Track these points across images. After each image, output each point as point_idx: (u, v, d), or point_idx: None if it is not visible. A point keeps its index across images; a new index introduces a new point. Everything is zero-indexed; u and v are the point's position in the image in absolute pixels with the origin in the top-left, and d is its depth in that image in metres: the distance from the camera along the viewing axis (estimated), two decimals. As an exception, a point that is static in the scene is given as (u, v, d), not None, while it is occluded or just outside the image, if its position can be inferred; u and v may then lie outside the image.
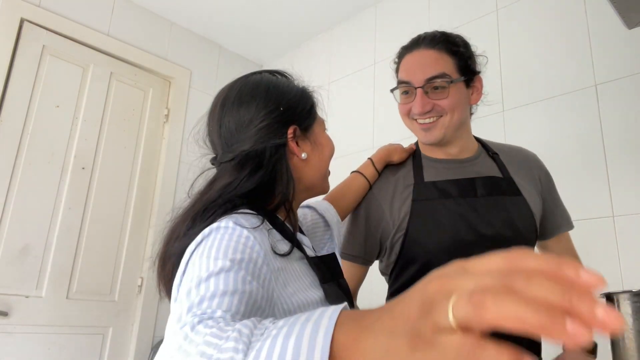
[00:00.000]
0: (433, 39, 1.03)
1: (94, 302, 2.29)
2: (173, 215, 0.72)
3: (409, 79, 1.01)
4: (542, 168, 1.12)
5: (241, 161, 0.70)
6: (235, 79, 0.79)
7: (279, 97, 0.74)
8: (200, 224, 0.64)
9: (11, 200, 2.09)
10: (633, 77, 1.61)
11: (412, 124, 1.04)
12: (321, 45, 2.88)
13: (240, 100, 0.73)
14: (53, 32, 2.32)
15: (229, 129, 0.73)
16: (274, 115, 0.72)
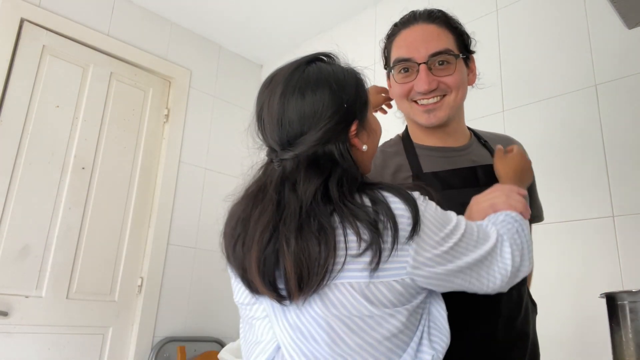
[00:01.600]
0: (431, 14, 0.96)
1: (94, 302, 2.29)
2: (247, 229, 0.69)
3: (410, 55, 0.92)
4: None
5: (311, 162, 0.69)
6: (289, 67, 0.75)
7: (342, 93, 0.72)
8: (320, 223, 0.64)
9: (11, 200, 2.09)
10: (633, 77, 1.61)
11: (412, 107, 0.96)
12: (321, 45, 2.88)
13: (302, 95, 0.70)
14: (53, 32, 2.32)
15: (292, 125, 0.70)
16: (340, 114, 0.71)
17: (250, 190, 0.73)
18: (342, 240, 0.63)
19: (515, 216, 0.77)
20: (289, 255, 0.63)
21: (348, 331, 0.64)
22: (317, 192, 0.66)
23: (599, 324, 1.45)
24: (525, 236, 0.76)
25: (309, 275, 0.62)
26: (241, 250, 0.68)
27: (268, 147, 0.74)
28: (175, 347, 2.44)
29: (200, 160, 2.82)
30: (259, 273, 0.65)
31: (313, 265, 0.62)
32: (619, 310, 0.89)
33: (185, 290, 2.60)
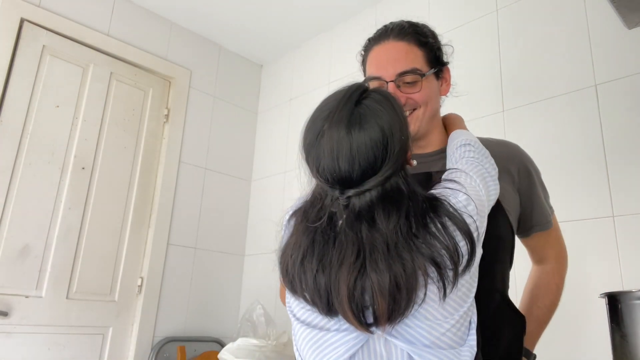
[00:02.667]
0: (401, 30, 1.00)
1: (94, 302, 2.29)
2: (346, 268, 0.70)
3: (379, 74, 0.98)
4: (522, 163, 1.05)
5: (384, 196, 0.71)
6: (337, 103, 0.75)
7: (399, 125, 0.74)
8: (414, 246, 0.69)
9: (11, 200, 2.09)
10: (633, 77, 1.61)
11: None
12: (321, 45, 2.88)
13: (367, 134, 0.72)
14: (53, 32, 2.32)
15: (360, 164, 0.71)
16: (404, 148, 0.74)
17: (316, 222, 0.74)
18: (421, 273, 0.68)
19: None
20: (379, 292, 0.66)
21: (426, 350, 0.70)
22: (398, 227, 0.69)
23: (599, 324, 1.45)
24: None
25: (399, 308, 0.67)
26: (325, 286, 0.70)
27: (328, 184, 0.74)
28: (175, 347, 2.45)
29: (200, 160, 2.82)
30: (350, 309, 0.68)
31: (402, 299, 0.66)
32: (619, 310, 0.89)
33: (185, 290, 2.60)
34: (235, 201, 2.95)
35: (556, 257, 1.12)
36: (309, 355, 0.76)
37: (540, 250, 1.12)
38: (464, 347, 0.72)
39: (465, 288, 0.73)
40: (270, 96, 3.15)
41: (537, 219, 1.06)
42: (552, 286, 1.10)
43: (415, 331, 0.70)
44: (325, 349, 0.73)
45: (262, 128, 3.13)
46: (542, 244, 1.11)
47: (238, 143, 3.05)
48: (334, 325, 0.73)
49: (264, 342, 2.04)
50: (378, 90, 0.80)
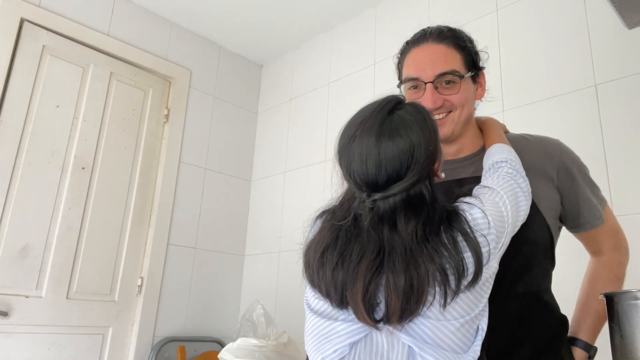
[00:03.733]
0: (440, 33, 1.02)
1: (94, 302, 2.29)
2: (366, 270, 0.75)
3: (417, 75, 0.99)
4: (562, 163, 1.02)
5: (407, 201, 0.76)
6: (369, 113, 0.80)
7: (429, 136, 0.79)
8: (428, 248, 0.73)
9: (11, 200, 2.09)
10: (633, 77, 1.61)
11: None
12: (321, 45, 2.88)
13: (395, 142, 0.76)
14: (53, 32, 2.32)
15: (386, 169, 0.76)
16: (429, 157, 0.78)
17: (342, 221, 0.79)
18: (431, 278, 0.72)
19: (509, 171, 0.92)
20: (394, 291, 0.71)
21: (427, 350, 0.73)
22: (415, 232, 0.74)
23: (599, 324, 1.44)
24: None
25: (410, 308, 0.71)
26: (342, 280, 0.75)
27: (358, 187, 0.79)
28: (175, 347, 2.45)
29: (200, 160, 2.82)
30: (363, 304, 0.72)
31: (414, 300, 0.71)
32: (619, 310, 0.89)
33: (185, 290, 2.60)
34: (235, 201, 2.95)
35: (614, 247, 1.08)
36: (313, 343, 0.80)
37: (593, 243, 1.09)
38: (467, 353, 0.74)
39: (470, 299, 0.75)
40: (270, 96, 3.15)
41: (585, 217, 1.04)
42: (611, 277, 1.06)
43: (418, 327, 0.73)
44: (329, 337, 0.78)
45: (262, 128, 3.13)
46: (595, 238, 1.08)
47: (238, 143, 3.05)
48: (341, 315, 0.77)
49: (264, 342, 2.04)
50: (412, 104, 0.84)
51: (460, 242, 0.74)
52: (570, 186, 1.02)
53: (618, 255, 1.09)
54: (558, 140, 1.09)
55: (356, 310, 0.74)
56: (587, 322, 1.02)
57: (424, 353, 0.72)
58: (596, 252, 1.10)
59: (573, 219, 1.04)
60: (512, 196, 0.85)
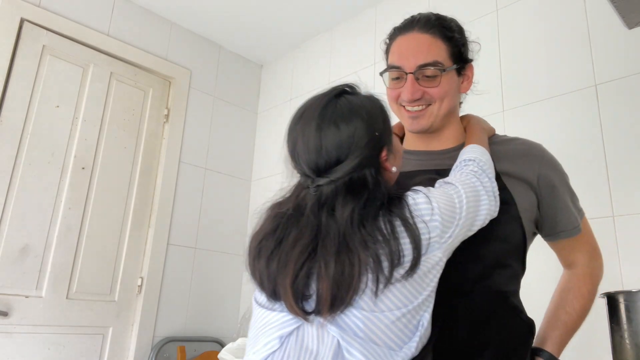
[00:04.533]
0: (427, 22, 1.00)
1: (94, 302, 2.29)
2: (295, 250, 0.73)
3: (400, 64, 0.97)
4: (543, 168, 1.00)
5: (348, 187, 0.75)
6: (319, 101, 0.80)
7: (373, 123, 0.79)
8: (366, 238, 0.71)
9: (11, 200, 2.09)
10: (633, 77, 1.61)
11: (400, 111, 1.00)
12: (321, 45, 2.88)
13: (337, 127, 0.77)
14: (53, 32, 2.32)
15: (329, 154, 0.76)
16: (373, 143, 0.77)
17: (284, 210, 0.78)
18: (364, 265, 0.69)
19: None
20: (326, 277, 0.69)
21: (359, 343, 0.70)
22: (351, 216, 0.72)
23: (599, 324, 1.45)
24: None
25: (341, 295, 0.68)
26: (276, 268, 0.73)
27: (303, 174, 0.79)
28: (175, 347, 2.44)
29: (200, 160, 2.82)
30: (292, 291, 0.71)
31: (345, 287, 0.68)
32: (619, 310, 0.89)
33: (185, 290, 2.60)
34: (235, 201, 2.95)
35: (587, 261, 1.05)
36: (250, 337, 0.79)
37: (567, 254, 1.06)
38: (401, 350, 0.71)
39: (408, 290, 0.72)
40: (270, 96, 3.15)
41: (563, 225, 1.01)
42: (583, 291, 1.02)
43: (350, 320, 0.70)
44: (264, 328, 0.76)
45: (262, 128, 3.13)
46: (570, 249, 1.05)
47: (238, 143, 3.04)
48: (278, 306, 0.75)
49: (264, 342, 2.04)
50: (364, 92, 0.84)
51: (398, 228, 0.72)
52: (550, 193, 1.00)
53: (592, 269, 1.05)
54: (541, 145, 1.07)
55: (285, 299, 0.71)
56: (554, 334, 0.98)
57: (352, 348, 0.68)
58: (570, 265, 1.06)
59: (550, 226, 1.01)
60: (472, 192, 0.83)
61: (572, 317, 1.00)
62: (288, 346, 0.72)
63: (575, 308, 1.01)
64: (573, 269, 1.05)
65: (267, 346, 0.73)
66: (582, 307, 1.02)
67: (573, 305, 1.01)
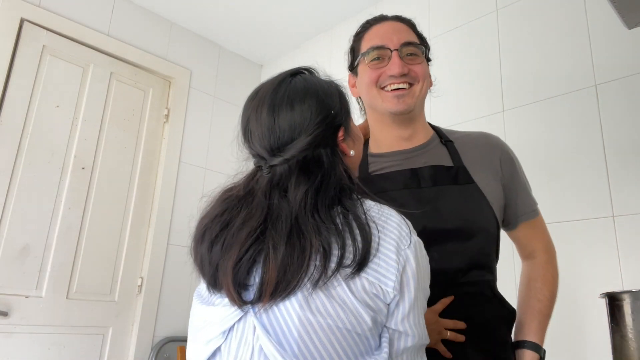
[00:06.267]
0: (399, 16, 1.05)
1: (94, 302, 2.29)
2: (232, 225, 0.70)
3: (383, 43, 0.98)
4: (504, 154, 1.04)
5: (302, 167, 0.72)
6: (273, 80, 0.79)
7: (328, 101, 0.76)
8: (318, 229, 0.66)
9: (11, 200, 2.09)
10: (633, 77, 1.61)
11: (380, 94, 0.99)
12: (321, 45, 2.88)
13: (291, 105, 0.74)
14: (53, 32, 2.32)
15: (282, 132, 0.73)
16: (328, 121, 0.75)
17: (235, 194, 0.74)
18: (315, 251, 0.65)
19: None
20: (274, 260, 0.64)
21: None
22: (304, 200, 0.68)
23: (599, 324, 1.45)
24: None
25: (287, 279, 0.64)
26: (219, 251, 0.69)
27: (256, 156, 0.76)
28: (175, 347, 2.44)
29: (200, 160, 2.82)
30: (232, 275, 0.67)
31: (292, 272, 0.64)
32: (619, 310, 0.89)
33: (185, 290, 2.60)
34: (235, 201, 2.95)
35: (545, 249, 1.08)
36: (189, 337, 0.76)
37: (527, 242, 1.08)
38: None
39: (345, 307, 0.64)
40: (270, 96, 3.14)
41: (522, 208, 1.04)
42: (549, 277, 1.05)
43: (284, 320, 0.64)
44: (204, 325, 0.72)
45: (262, 128, 3.13)
46: (530, 236, 1.07)
47: (238, 143, 3.04)
48: (218, 299, 0.71)
49: (264, 342, 2.04)
50: (323, 76, 0.82)
51: (352, 222, 0.68)
52: (511, 176, 1.03)
53: (550, 257, 1.08)
54: (498, 137, 1.10)
55: (224, 283, 0.67)
56: (533, 323, 0.99)
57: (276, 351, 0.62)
58: (529, 255, 1.09)
59: (511, 210, 1.04)
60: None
61: (545, 304, 1.03)
62: (230, 342, 0.68)
63: (545, 295, 1.03)
64: (533, 258, 1.08)
65: (210, 344, 0.70)
66: (551, 293, 1.04)
67: (543, 293, 1.03)
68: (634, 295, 0.86)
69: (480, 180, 0.97)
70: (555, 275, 1.07)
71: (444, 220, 0.92)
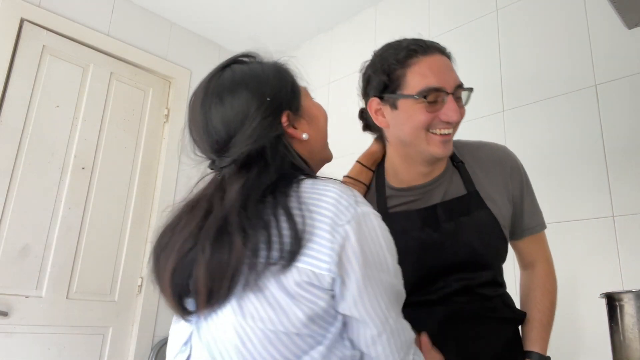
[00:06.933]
0: (444, 50, 0.97)
1: (94, 302, 2.29)
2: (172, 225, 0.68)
3: (441, 85, 0.90)
4: (513, 169, 1.03)
5: (244, 163, 0.67)
6: (206, 78, 0.74)
7: (261, 87, 0.70)
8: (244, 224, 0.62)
9: (11, 200, 2.09)
10: (633, 77, 1.61)
11: (427, 137, 0.93)
12: (321, 45, 2.88)
13: (221, 100, 0.69)
14: (53, 32, 2.32)
15: (217, 131, 0.69)
16: (264, 109, 0.68)
17: (188, 202, 0.71)
18: (243, 254, 0.61)
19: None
20: (202, 264, 0.61)
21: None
22: (236, 195, 0.64)
23: (599, 324, 1.45)
24: None
25: (217, 287, 0.60)
26: (164, 260, 0.66)
27: (207, 158, 0.73)
28: (175, 347, 2.44)
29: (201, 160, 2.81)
30: (170, 282, 0.64)
31: (219, 277, 0.60)
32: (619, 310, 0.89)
33: (185, 290, 2.60)
34: (235, 201, 2.95)
35: (546, 259, 1.10)
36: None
37: (529, 253, 1.09)
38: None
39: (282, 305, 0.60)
40: (270, 96, 3.14)
41: (529, 222, 1.05)
42: (548, 287, 1.07)
43: (222, 330, 0.62)
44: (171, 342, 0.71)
45: (262, 128, 3.13)
46: (533, 247, 1.09)
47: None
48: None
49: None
50: (268, 60, 0.76)
51: (280, 213, 0.62)
52: (521, 193, 1.03)
53: (550, 267, 1.10)
54: (506, 147, 1.09)
55: (164, 292, 0.64)
56: (533, 333, 1.01)
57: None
58: (529, 265, 1.10)
59: (519, 224, 1.05)
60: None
61: (545, 315, 1.04)
62: (190, 355, 0.67)
63: (546, 305, 1.04)
64: (532, 268, 1.09)
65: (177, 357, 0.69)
66: (551, 303, 1.05)
67: (543, 303, 1.05)
68: (634, 295, 0.86)
69: (490, 202, 0.98)
70: (554, 285, 1.08)
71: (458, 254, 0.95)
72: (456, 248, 0.94)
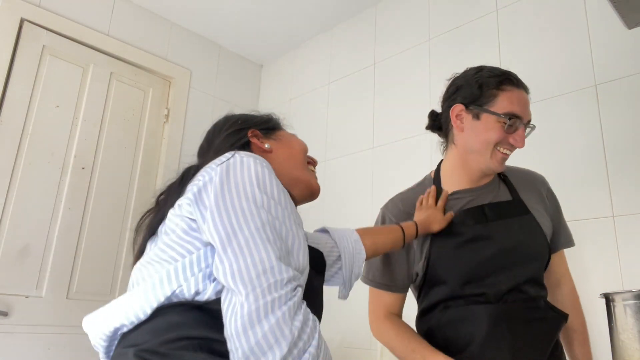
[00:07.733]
0: (527, 89, 1.16)
1: (94, 302, 2.27)
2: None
3: (521, 114, 1.10)
4: (548, 189, 1.20)
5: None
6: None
7: (238, 118, 1.00)
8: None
9: (11, 200, 2.09)
10: (633, 77, 1.61)
11: (493, 152, 1.09)
12: (321, 45, 2.88)
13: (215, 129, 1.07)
14: (53, 32, 2.32)
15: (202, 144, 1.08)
16: (235, 128, 0.96)
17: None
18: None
19: None
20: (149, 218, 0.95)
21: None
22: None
23: (599, 324, 1.44)
24: None
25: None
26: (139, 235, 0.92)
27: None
28: (175, 347, 2.44)
29: (200, 160, 2.82)
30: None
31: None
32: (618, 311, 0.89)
33: (185, 290, 2.60)
34: (235, 201, 2.95)
35: (569, 277, 1.22)
36: None
37: (557, 268, 1.20)
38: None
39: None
40: (270, 96, 3.15)
41: (563, 238, 1.19)
42: (577, 305, 1.19)
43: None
44: None
45: (262, 128, 3.13)
46: (560, 261, 1.21)
47: (238, 143, 3.04)
48: None
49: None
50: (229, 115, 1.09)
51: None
52: (555, 209, 1.19)
53: (573, 284, 1.23)
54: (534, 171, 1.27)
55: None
56: (580, 351, 1.15)
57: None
58: (556, 283, 1.21)
59: (555, 239, 1.17)
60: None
61: (582, 334, 1.17)
62: None
63: (580, 322, 1.18)
64: (560, 286, 1.21)
65: None
66: (583, 320, 1.19)
67: (579, 320, 1.17)
68: (634, 295, 0.86)
69: (534, 211, 1.12)
70: (580, 304, 1.21)
71: (507, 250, 1.06)
72: (504, 240, 1.06)
